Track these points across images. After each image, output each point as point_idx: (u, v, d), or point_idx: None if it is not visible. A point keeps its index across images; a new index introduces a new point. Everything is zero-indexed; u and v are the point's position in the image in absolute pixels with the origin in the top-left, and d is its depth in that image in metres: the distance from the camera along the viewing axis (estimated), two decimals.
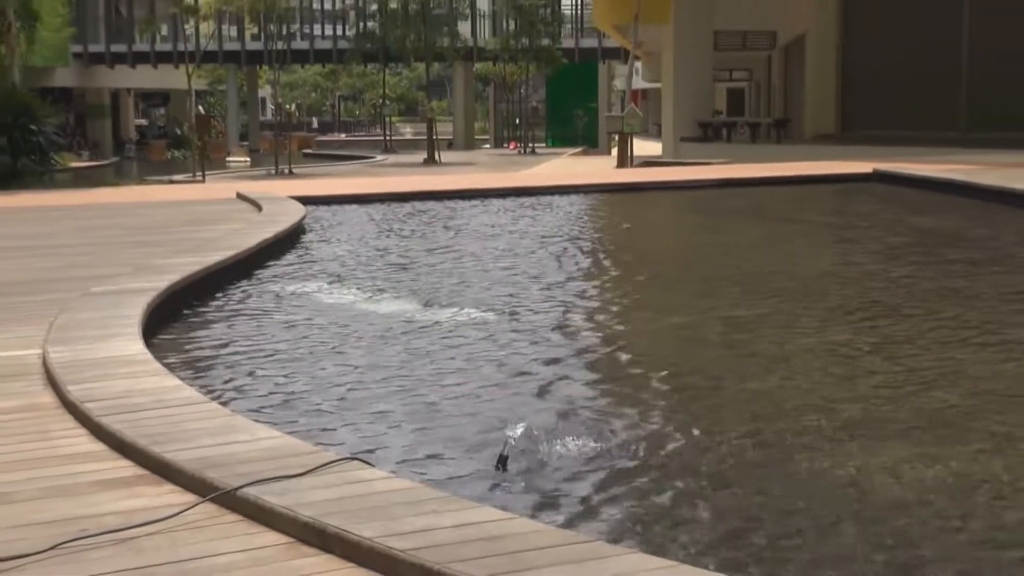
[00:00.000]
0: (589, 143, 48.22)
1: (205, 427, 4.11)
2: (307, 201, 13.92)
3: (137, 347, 5.52)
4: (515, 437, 4.44)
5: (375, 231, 12.85)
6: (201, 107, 61.99)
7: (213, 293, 8.21)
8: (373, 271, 9.90)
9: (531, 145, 47.87)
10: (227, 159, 44.79)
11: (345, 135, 78.90)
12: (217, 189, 19.38)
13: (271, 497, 3.34)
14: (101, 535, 3.19)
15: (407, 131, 73.96)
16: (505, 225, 13.56)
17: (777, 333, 7.14)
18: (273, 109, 58.13)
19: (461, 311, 7.68)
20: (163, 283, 7.38)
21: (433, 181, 19.70)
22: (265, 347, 6.72)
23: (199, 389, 4.96)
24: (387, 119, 59.17)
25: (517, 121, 53.62)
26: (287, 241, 10.99)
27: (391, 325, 7.32)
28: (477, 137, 58.57)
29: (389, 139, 54.82)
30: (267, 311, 7.88)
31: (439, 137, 41.26)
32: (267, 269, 9.60)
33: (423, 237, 12.21)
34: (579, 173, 25.57)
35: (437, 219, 13.94)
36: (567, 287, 9.03)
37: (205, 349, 6.68)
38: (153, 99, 65.37)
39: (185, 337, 6.93)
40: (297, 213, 12.44)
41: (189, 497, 3.52)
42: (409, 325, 7.30)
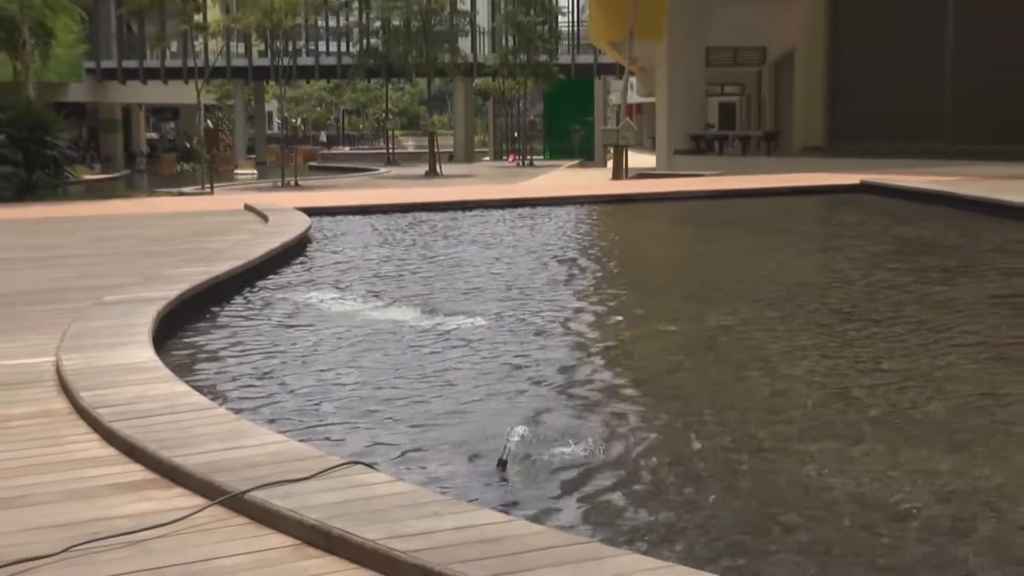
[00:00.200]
0: (585, 156, 48.33)
1: (213, 432, 4.10)
2: (312, 212, 13.93)
3: (147, 354, 5.51)
4: (514, 440, 4.44)
5: (378, 241, 12.85)
6: (210, 121, 62.11)
7: (221, 301, 8.21)
8: (375, 280, 9.88)
9: (529, 158, 47.90)
10: (235, 171, 44.82)
11: (349, 148, 78.98)
12: (225, 201, 19.37)
13: (278, 500, 3.34)
14: (113, 537, 3.19)
15: (409, 144, 74.03)
16: (503, 235, 13.56)
17: (761, 335, 7.20)
18: (279, 123, 58.13)
19: (462, 318, 7.67)
20: (173, 292, 7.38)
21: (435, 193, 19.72)
22: (270, 353, 6.71)
23: (207, 395, 4.95)
24: (390, 133, 59.27)
25: (516, 134, 53.63)
26: (293, 251, 11.00)
27: (392, 331, 7.32)
28: (477, 150, 58.62)
29: (392, 152, 54.93)
30: (273, 319, 7.88)
31: (440, 150, 41.28)
32: (273, 278, 9.60)
33: (424, 247, 12.20)
34: (576, 185, 25.59)
35: (438, 229, 13.94)
36: (562, 294, 9.02)
37: (213, 355, 6.67)
38: (163, 113, 65.45)
39: (194, 344, 6.93)
40: (302, 224, 12.44)
41: (198, 500, 3.52)
42: (411, 331, 7.29)
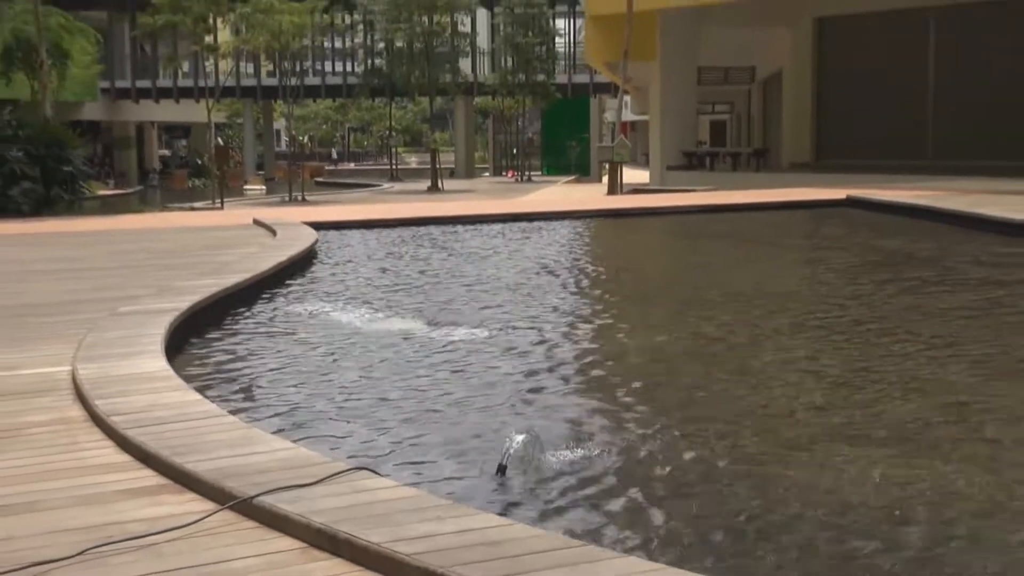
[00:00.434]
0: (582, 172, 48.38)
1: (224, 439, 4.10)
2: (319, 226, 13.92)
3: (160, 364, 5.51)
4: (513, 446, 4.43)
5: (382, 254, 12.83)
6: (220, 139, 62.25)
7: (231, 313, 8.20)
8: (379, 292, 9.87)
9: (527, 174, 48.02)
10: (244, 187, 44.77)
11: (354, 164, 79.02)
12: (235, 215, 19.38)
13: (285, 505, 3.34)
14: (126, 541, 3.19)
15: (412, 161, 74.11)
16: (502, 248, 13.55)
17: (746, 343, 7.25)
18: (287, 140, 58.19)
19: (462, 329, 7.66)
20: (184, 303, 7.38)
21: (436, 207, 19.68)
22: (278, 362, 6.71)
23: (218, 403, 4.95)
24: (393, 150, 59.41)
25: (514, 151, 53.68)
26: (300, 264, 10.99)
27: (395, 341, 7.31)
28: (477, 166, 58.63)
29: (395, 168, 55.10)
30: (280, 329, 7.87)
31: (442, 166, 41.36)
32: (281, 290, 9.59)
33: (426, 260, 12.20)
34: (573, 200, 25.61)
35: (439, 243, 13.93)
36: (559, 305, 9.01)
37: (223, 365, 6.66)
38: (175, 131, 65.58)
39: (205, 354, 6.92)
40: (309, 238, 12.43)
41: (209, 505, 3.52)
42: (413, 341, 7.29)
